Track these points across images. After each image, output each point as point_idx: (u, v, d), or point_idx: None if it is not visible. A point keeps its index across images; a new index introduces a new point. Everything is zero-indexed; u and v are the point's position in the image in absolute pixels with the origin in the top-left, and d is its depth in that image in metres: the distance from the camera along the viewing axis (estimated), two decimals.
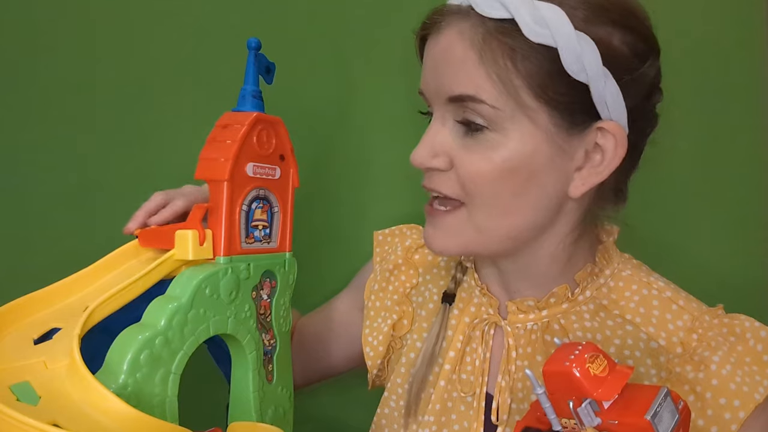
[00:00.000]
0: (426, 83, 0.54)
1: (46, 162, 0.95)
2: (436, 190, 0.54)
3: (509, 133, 0.50)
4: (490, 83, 0.49)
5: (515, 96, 0.49)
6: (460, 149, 0.52)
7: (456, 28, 0.50)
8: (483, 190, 0.51)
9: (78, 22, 0.93)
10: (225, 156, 0.54)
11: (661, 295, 0.55)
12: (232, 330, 0.54)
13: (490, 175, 0.50)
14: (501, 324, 0.60)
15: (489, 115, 0.49)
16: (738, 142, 0.78)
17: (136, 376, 0.45)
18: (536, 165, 0.50)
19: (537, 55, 0.48)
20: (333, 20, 0.88)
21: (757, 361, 0.50)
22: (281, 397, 0.61)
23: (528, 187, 0.51)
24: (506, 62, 0.48)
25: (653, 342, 0.54)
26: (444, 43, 0.51)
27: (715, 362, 0.50)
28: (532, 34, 0.47)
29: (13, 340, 0.48)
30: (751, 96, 0.77)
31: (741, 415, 0.48)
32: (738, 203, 0.78)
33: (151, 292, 0.51)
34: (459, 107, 0.51)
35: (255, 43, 0.58)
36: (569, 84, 0.48)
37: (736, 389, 0.49)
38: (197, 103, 0.88)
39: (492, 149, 0.50)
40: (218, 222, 0.54)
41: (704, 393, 0.50)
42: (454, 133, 0.52)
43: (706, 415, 0.50)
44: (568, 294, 0.57)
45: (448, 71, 0.51)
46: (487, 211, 0.52)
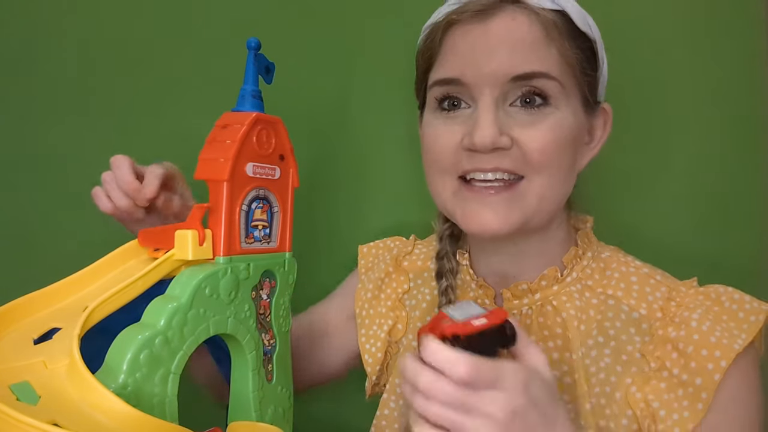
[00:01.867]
0: (469, 67, 0.55)
1: (47, 162, 0.95)
2: (500, 168, 0.55)
3: (563, 107, 0.55)
4: (557, 62, 0.54)
5: (573, 73, 0.55)
6: (522, 126, 0.54)
7: (511, 15, 0.54)
8: (549, 161, 0.54)
9: (78, 23, 0.94)
10: (225, 156, 0.54)
11: (639, 272, 0.59)
12: (232, 330, 0.54)
13: (556, 146, 0.54)
14: None
15: (554, 91, 0.54)
16: (738, 142, 0.78)
17: (136, 376, 0.45)
18: (578, 137, 0.57)
19: (582, 42, 0.56)
20: (333, 20, 0.88)
21: (734, 318, 0.53)
22: (281, 396, 0.61)
23: (574, 157, 0.57)
24: (567, 43, 0.55)
25: (635, 312, 0.57)
26: (502, 27, 0.54)
27: (695, 319, 0.54)
28: (581, 24, 0.56)
29: (12, 339, 0.48)
30: (751, 96, 0.77)
31: (723, 364, 0.51)
32: (737, 202, 0.78)
33: (151, 292, 0.51)
34: (522, 86, 0.54)
35: (254, 43, 0.58)
36: (594, 68, 0.57)
37: (716, 342, 0.52)
38: (197, 103, 0.88)
39: (555, 122, 0.54)
40: (218, 222, 0.54)
41: (686, 348, 0.53)
42: (512, 112, 0.55)
43: (689, 368, 0.52)
44: (558, 275, 0.60)
45: (516, 51, 0.53)
46: (550, 180, 0.55)
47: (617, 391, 0.54)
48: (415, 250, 0.75)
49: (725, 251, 0.77)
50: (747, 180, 0.77)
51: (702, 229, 0.78)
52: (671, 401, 0.52)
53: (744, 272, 0.74)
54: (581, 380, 0.55)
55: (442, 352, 0.42)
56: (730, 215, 0.78)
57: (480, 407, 0.41)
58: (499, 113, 0.54)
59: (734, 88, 0.77)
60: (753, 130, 0.77)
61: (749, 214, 0.77)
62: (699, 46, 0.78)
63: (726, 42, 0.77)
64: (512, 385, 0.42)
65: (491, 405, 0.41)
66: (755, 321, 0.53)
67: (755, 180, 0.77)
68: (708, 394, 0.51)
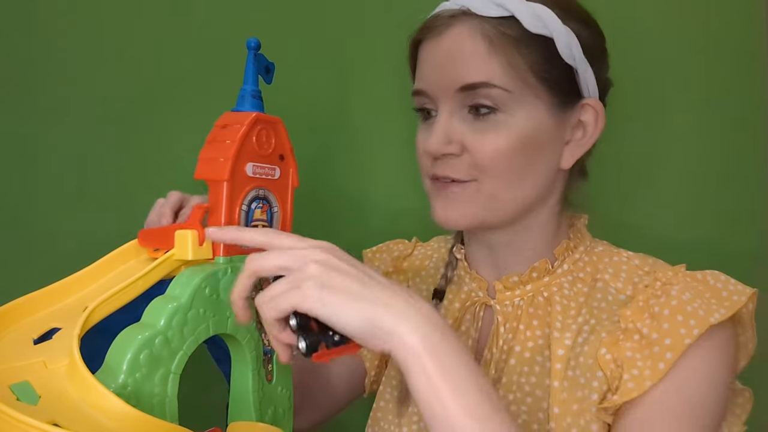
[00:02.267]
0: (428, 80, 0.60)
1: (47, 162, 0.95)
2: (449, 176, 0.59)
3: (516, 112, 0.57)
4: (500, 70, 0.56)
5: (523, 78, 0.56)
6: (472, 134, 0.57)
7: (458, 29, 0.57)
8: (498, 165, 0.57)
9: (79, 24, 0.94)
10: (224, 156, 0.54)
11: (630, 263, 0.61)
12: (232, 330, 0.54)
13: (505, 151, 0.57)
14: (491, 303, 0.63)
15: (500, 98, 0.56)
16: (737, 141, 0.78)
17: (136, 376, 0.45)
18: (540, 139, 0.58)
19: (535, 44, 0.56)
20: (333, 20, 0.88)
21: (716, 295, 0.54)
22: (281, 396, 0.61)
23: (534, 158, 0.58)
24: (512, 50, 0.56)
25: (621, 295, 0.58)
26: (449, 42, 0.58)
27: (676, 289, 0.54)
28: (532, 27, 0.56)
29: (12, 339, 0.48)
30: (751, 96, 0.77)
31: (695, 332, 0.51)
32: (738, 201, 0.78)
33: (151, 292, 0.51)
34: (469, 95, 0.57)
35: (254, 43, 0.58)
36: (561, 68, 0.58)
37: (692, 311, 0.52)
38: (197, 103, 0.88)
39: (504, 128, 0.57)
40: (218, 222, 0.54)
41: (662, 311, 0.53)
42: (464, 120, 0.58)
43: (662, 329, 0.52)
44: (549, 267, 0.62)
45: (458, 64, 0.57)
46: (501, 182, 0.58)
47: (590, 358, 0.55)
48: (415, 251, 0.76)
49: (724, 247, 0.77)
50: (746, 175, 0.77)
51: (700, 223, 0.78)
52: (635, 360, 0.52)
53: (743, 264, 0.74)
54: (554, 360, 0.56)
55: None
56: (728, 210, 0.78)
57: (299, 263, 0.45)
58: (452, 121, 0.58)
59: (732, 84, 0.78)
60: (752, 126, 0.77)
61: (748, 206, 0.77)
62: (697, 41, 0.78)
63: (723, 35, 0.77)
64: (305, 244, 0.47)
65: (304, 257, 0.45)
66: (737, 300, 0.53)
67: (754, 175, 0.77)
68: (673, 355, 0.51)
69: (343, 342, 0.46)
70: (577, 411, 0.54)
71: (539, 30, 0.56)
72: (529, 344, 0.60)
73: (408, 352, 0.42)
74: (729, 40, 0.78)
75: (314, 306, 0.43)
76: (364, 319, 0.42)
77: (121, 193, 0.93)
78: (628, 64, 0.78)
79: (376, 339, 0.43)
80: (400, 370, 0.43)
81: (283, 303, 0.44)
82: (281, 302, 0.44)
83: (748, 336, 0.56)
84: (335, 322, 0.43)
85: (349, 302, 0.43)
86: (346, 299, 0.43)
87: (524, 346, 0.60)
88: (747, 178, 0.78)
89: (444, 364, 0.42)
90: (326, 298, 0.43)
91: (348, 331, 0.43)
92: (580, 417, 0.54)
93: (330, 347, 0.46)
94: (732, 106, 0.78)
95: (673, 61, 0.79)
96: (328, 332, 0.46)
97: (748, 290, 0.54)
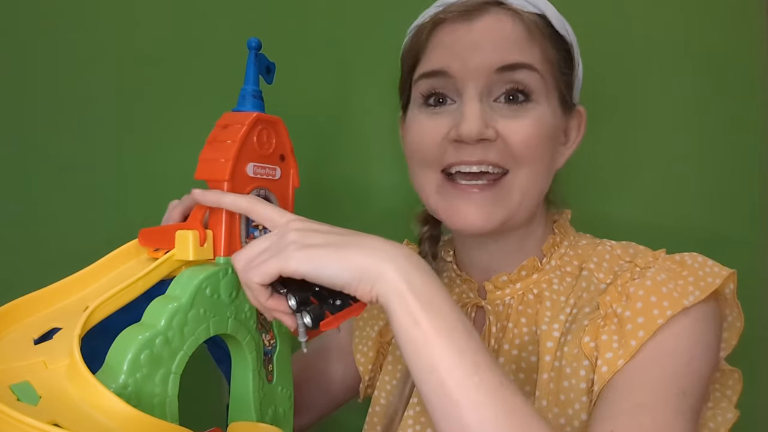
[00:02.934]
0: (456, 60, 0.56)
1: (46, 163, 0.95)
2: (486, 160, 0.56)
3: (544, 104, 0.57)
4: (539, 58, 0.56)
5: (553, 72, 0.57)
6: (505, 119, 0.56)
7: (495, 15, 0.57)
8: (532, 153, 0.56)
9: (78, 24, 0.94)
10: (225, 156, 0.54)
11: (613, 252, 0.61)
12: (232, 330, 0.54)
13: (538, 140, 0.56)
14: (482, 304, 0.63)
15: (536, 85, 0.56)
16: (737, 141, 0.78)
17: (136, 376, 0.45)
18: (556, 135, 0.59)
19: (558, 45, 0.58)
20: (333, 20, 0.88)
21: (693, 274, 0.53)
22: (281, 397, 0.61)
23: (553, 153, 0.59)
24: (545, 42, 0.57)
25: (603, 284, 0.58)
26: (485, 25, 0.56)
27: (651, 271, 0.54)
28: (560, 28, 0.58)
29: (13, 339, 0.48)
30: (751, 96, 0.77)
31: (668, 313, 0.51)
32: (737, 200, 0.78)
33: (151, 292, 0.51)
34: (505, 79, 0.56)
35: (255, 43, 0.58)
36: (571, 69, 0.60)
37: (667, 292, 0.52)
38: (198, 103, 0.88)
39: (537, 117, 0.56)
40: (218, 222, 0.54)
41: (636, 291, 0.53)
42: (496, 107, 0.57)
43: (635, 307, 0.52)
44: (537, 264, 0.62)
45: (499, 44, 0.56)
46: (533, 173, 0.57)
47: (575, 347, 0.55)
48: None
49: (711, 233, 0.77)
50: (744, 170, 0.78)
51: (686, 212, 0.79)
52: (610, 342, 0.52)
53: (738, 253, 0.74)
54: (543, 353, 0.56)
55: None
56: (726, 203, 0.78)
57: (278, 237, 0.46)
58: (484, 106, 0.56)
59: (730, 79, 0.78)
60: (749, 121, 0.77)
61: (745, 197, 0.77)
62: (699, 45, 0.78)
63: (726, 42, 0.78)
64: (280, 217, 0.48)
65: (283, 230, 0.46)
66: (711, 282, 0.53)
67: (752, 170, 0.77)
68: (645, 334, 0.50)
69: (345, 304, 0.47)
70: (565, 401, 0.54)
71: (563, 33, 0.58)
72: (516, 341, 0.60)
73: (392, 289, 0.43)
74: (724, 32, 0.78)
75: (299, 265, 0.44)
76: (349, 265, 0.43)
77: (121, 193, 0.93)
78: (616, 57, 0.79)
79: (363, 284, 0.44)
80: (386, 312, 0.44)
81: (268, 268, 0.45)
82: (266, 268, 0.45)
83: (735, 315, 0.56)
84: (322, 277, 0.44)
85: (331, 253, 0.44)
86: (327, 251, 0.44)
87: (512, 343, 0.60)
88: (738, 170, 0.78)
89: (427, 300, 0.43)
90: (309, 255, 0.44)
91: (336, 283, 0.44)
92: (568, 407, 0.54)
93: (334, 312, 0.47)
94: (732, 107, 0.78)
95: (673, 60, 0.79)
96: (328, 299, 0.47)
97: (724, 272, 0.54)
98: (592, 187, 0.81)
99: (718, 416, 0.57)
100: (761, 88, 0.76)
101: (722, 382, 0.58)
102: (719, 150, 0.78)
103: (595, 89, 0.71)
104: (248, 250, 0.47)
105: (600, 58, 0.78)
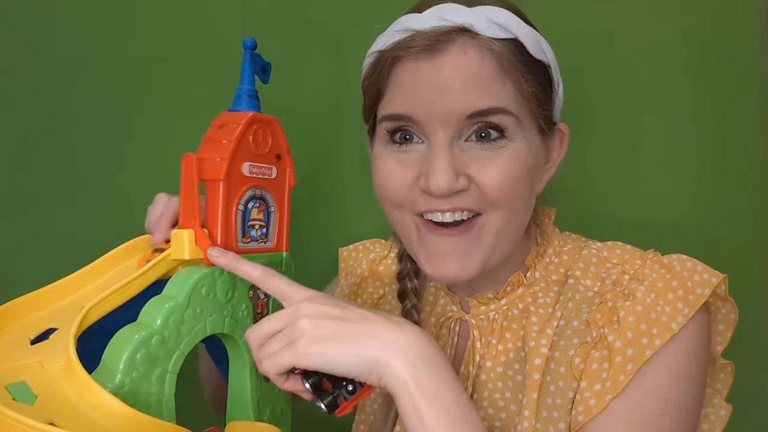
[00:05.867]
0: (421, 105, 0.52)
1: (45, 163, 0.95)
2: (459, 207, 0.53)
3: (518, 139, 0.53)
4: (513, 96, 0.52)
5: (527, 105, 0.53)
6: (477, 163, 0.52)
7: (460, 48, 0.51)
8: (507, 195, 0.53)
9: (78, 24, 0.94)
10: (221, 156, 0.54)
11: (599, 254, 0.59)
12: (229, 329, 0.54)
13: (513, 180, 0.53)
14: (466, 318, 0.62)
15: (511, 125, 0.52)
16: (737, 141, 0.78)
17: (133, 376, 0.45)
18: (534, 166, 0.55)
19: (536, 71, 0.54)
20: (329, 19, 0.88)
21: (682, 285, 0.53)
22: (279, 396, 0.61)
23: (531, 186, 0.56)
24: (519, 76, 0.52)
25: (589, 292, 0.57)
26: (452, 62, 0.51)
27: (641, 291, 0.53)
28: (534, 52, 0.53)
29: (9, 340, 0.48)
30: (751, 96, 0.77)
31: (657, 342, 0.51)
32: (737, 200, 0.78)
33: (148, 292, 0.51)
34: (478, 121, 0.52)
35: (251, 43, 0.58)
36: (551, 95, 0.56)
37: (656, 318, 0.52)
38: (194, 103, 0.88)
39: (511, 155, 0.53)
40: (214, 222, 0.54)
41: (627, 317, 0.52)
42: (464, 149, 0.53)
43: (625, 337, 0.52)
44: (522, 279, 0.60)
45: (469, 88, 0.51)
46: (508, 214, 0.54)
47: (563, 365, 0.54)
48: (390, 254, 0.75)
49: (720, 240, 0.77)
50: (744, 170, 0.78)
51: (695, 213, 0.79)
52: (600, 371, 0.51)
53: (738, 252, 0.75)
54: (531, 371, 0.55)
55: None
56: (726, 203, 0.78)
57: (291, 320, 0.47)
58: (454, 151, 0.52)
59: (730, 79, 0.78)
60: (750, 121, 0.77)
61: (745, 196, 0.77)
62: (699, 45, 0.79)
63: (726, 42, 0.78)
64: (299, 299, 0.48)
65: (296, 315, 0.47)
66: (700, 295, 0.52)
67: (752, 170, 0.77)
68: (633, 367, 0.50)
69: (357, 388, 0.48)
70: (547, 418, 0.54)
71: (539, 56, 0.54)
72: (501, 358, 0.58)
73: (398, 382, 0.44)
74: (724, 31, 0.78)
75: (311, 362, 0.45)
76: (360, 360, 0.45)
77: (117, 193, 0.93)
78: (615, 57, 0.79)
79: (373, 374, 0.45)
80: (394, 400, 0.45)
81: (283, 361, 0.46)
82: (281, 361, 0.46)
83: (728, 308, 0.56)
84: (335, 370, 0.45)
85: (342, 348, 0.45)
86: (339, 346, 0.45)
87: (496, 360, 0.59)
88: (738, 170, 0.78)
89: (432, 396, 0.44)
90: (321, 351, 0.45)
91: (348, 374, 0.45)
92: (550, 425, 0.53)
93: (348, 398, 0.48)
94: (723, 99, 0.78)
95: (673, 60, 0.79)
96: (341, 383, 0.48)
97: (714, 278, 0.53)
98: (592, 187, 0.80)
99: (711, 416, 0.57)
100: (761, 89, 0.76)
101: (713, 376, 0.58)
102: (719, 150, 0.78)
103: (594, 90, 0.72)
104: (260, 329, 0.48)
105: (599, 58, 0.78)
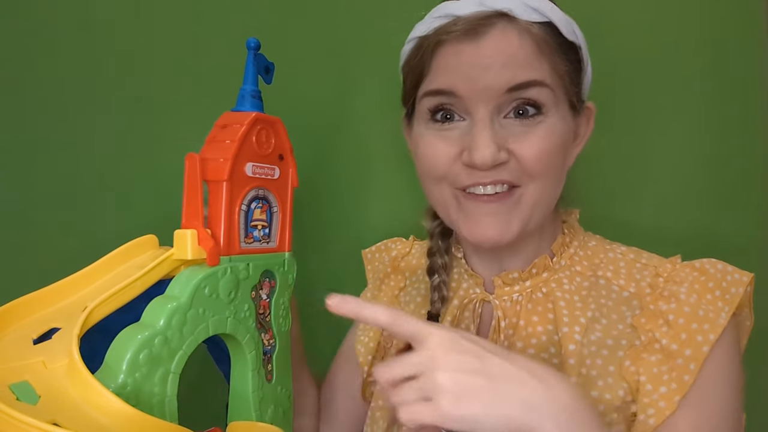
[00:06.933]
0: (464, 81, 0.55)
1: (46, 162, 0.95)
2: (500, 180, 0.56)
3: (553, 115, 0.57)
4: (549, 72, 0.56)
5: (561, 83, 0.57)
6: (517, 137, 0.56)
7: (501, 31, 0.55)
8: (544, 168, 0.56)
9: (78, 24, 0.94)
10: (224, 156, 0.54)
11: (626, 257, 0.62)
12: (232, 329, 0.54)
13: (549, 153, 0.56)
14: (489, 299, 0.63)
15: (547, 99, 0.56)
16: (737, 141, 0.78)
17: (136, 376, 0.45)
18: (567, 140, 0.59)
19: (569, 51, 0.58)
20: (332, 20, 0.88)
21: (719, 286, 0.56)
22: (281, 396, 0.61)
23: (563, 160, 0.59)
24: (554, 56, 0.56)
25: (625, 292, 0.59)
26: (493, 43, 0.55)
27: (683, 293, 0.56)
28: (567, 33, 0.57)
29: (12, 339, 0.48)
30: (756, 99, 0.77)
31: (711, 337, 0.53)
32: (744, 203, 0.78)
33: (150, 292, 0.51)
34: (516, 97, 0.55)
35: (254, 43, 0.58)
36: (581, 74, 0.60)
37: (704, 315, 0.54)
38: (197, 103, 0.88)
39: (547, 129, 0.56)
40: (217, 222, 0.54)
41: (677, 320, 0.55)
42: (506, 123, 0.56)
43: (679, 339, 0.54)
44: (548, 263, 0.62)
45: (509, 64, 0.55)
46: (544, 186, 0.57)
47: (611, 364, 0.56)
48: (412, 250, 0.76)
49: (717, 235, 0.77)
50: (750, 173, 0.77)
51: (698, 215, 0.79)
52: (660, 374, 0.54)
53: (745, 255, 0.74)
54: (566, 356, 0.56)
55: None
56: (733, 206, 0.78)
57: (427, 365, 0.44)
58: (494, 127, 0.56)
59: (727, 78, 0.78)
60: (756, 124, 0.77)
61: (752, 199, 0.77)
62: (699, 45, 0.78)
63: (726, 42, 0.78)
64: (436, 340, 0.45)
65: (431, 358, 0.44)
66: (735, 293, 0.55)
67: (758, 173, 0.77)
68: (696, 366, 0.53)
69: None
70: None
71: (571, 37, 0.57)
72: (533, 341, 0.60)
73: None
74: (726, 34, 0.78)
75: (457, 425, 0.42)
76: (506, 423, 0.42)
77: (121, 193, 0.93)
78: (618, 59, 0.79)
79: None
80: None
81: (424, 418, 0.43)
82: (421, 418, 0.43)
83: (745, 314, 0.58)
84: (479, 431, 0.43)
85: (487, 411, 0.42)
86: (483, 408, 0.42)
87: (527, 342, 0.60)
88: (745, 172, 0.78)
89: None
90: (466, 414, 0.42)
91: None
92: None
93: None
94: (726, 100, 0.78)
95: (673, 60, 0.79)
96: None
97: (745, 277, 0.56)
98: (599, 189, 0.80)
99: None
100: (765, 90, 0.76)
101: None
102: (726, 153, 0.78)
103: (599, 93, 0.71)
104: (392, 372, 0.45)
105: (603, 62, 0.78)
